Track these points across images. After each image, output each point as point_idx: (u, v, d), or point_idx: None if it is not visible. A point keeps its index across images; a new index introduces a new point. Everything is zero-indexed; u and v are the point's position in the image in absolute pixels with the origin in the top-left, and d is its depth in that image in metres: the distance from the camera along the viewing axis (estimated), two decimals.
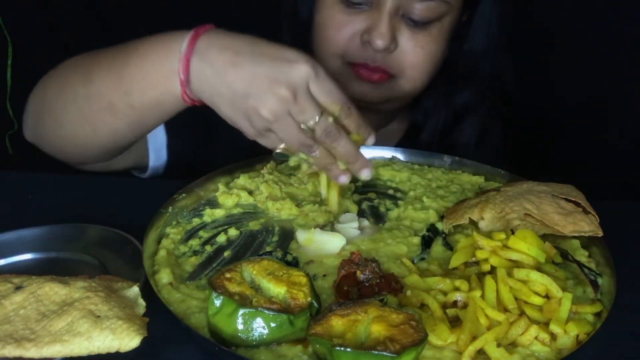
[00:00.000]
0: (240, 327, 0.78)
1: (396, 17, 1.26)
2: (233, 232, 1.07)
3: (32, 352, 0.74)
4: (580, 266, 0.93)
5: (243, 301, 0.79)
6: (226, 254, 1.02)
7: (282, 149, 1.00)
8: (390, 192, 1.22)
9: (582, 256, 1.00)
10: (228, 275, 0.83)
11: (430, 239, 1.04)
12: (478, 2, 1.37)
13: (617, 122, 1.82)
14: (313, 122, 0.95)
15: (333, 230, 1.05)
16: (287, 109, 0.93)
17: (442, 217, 1.10)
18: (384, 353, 0.71)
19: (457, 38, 1.40)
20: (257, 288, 0.83)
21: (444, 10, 1.28)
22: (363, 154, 1.03)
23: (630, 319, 0.91)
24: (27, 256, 1.00)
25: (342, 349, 0.72)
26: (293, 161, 1.05)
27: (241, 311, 0.78)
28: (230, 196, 1.15)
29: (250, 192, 1.17)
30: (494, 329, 0.81)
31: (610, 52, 1.78)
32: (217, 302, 0.79)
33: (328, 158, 1.01)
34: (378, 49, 1.25)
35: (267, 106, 0.93)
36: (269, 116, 0.94)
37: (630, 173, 1.76)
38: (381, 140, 1.48)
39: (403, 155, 1.32)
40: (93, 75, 1.09)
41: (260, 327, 0.78)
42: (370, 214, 1.15)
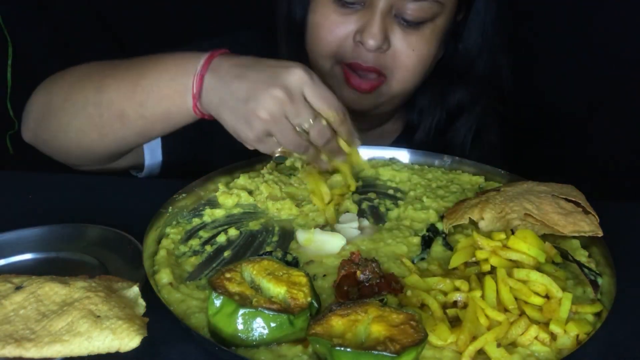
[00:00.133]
0: (240, 327, 0.78)
1: (389, 17, 1.26)
2: (233, 232, 1.07)
3: (32, 352, 0.74)
4: (580, 266, 0.93)
5: (243, 301, 0.79)
6: (226, 254, 1.02)
7: (280, 152, 1.05)
8: (390, 192, 1.22)
9: (582, 256, 1.00)
10: (228, 275, 0.83)
11: (430, 239, 1.04)
12: (473, 2, 1.37)
13: (617, 122, 1.82)
14: (308, 124, 1.00)
15: (333, 230, 1.05)
16: (284, 111, 0.98)
17: (442, 217, 1.10)
18: (384, 353, 0.71)
19: (453, 37, 1.40)
20: (257, 288, 0.84)
21: (437, 10, 1.28)
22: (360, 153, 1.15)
23: (630, 319, 0.91)
24: (27, 256, 1.01)
25: (342, 349, 0.72)
26: (289, 161, 1.16)
27: (241, 311, 0.78)
28: (230, 196, 1.15)
29: (250, 192, 1.17)
30: (494, 329, 0.81)
31: (611, 52, 1.77)
32: (217, 302, 0.79)
33: (317, 155, 1.09)
34: (370, 49, 1.26)
35: (265, 107, 0.98)
36: (266, 117, 0.98)
37: (630, 173, 1.76)
38: (377, 140, 1.48)
39: (403, 155, 1.32)
40: (105, 84, 1.14)
41: (260, 327, 0.78)
42: (370, 214, 1.15)
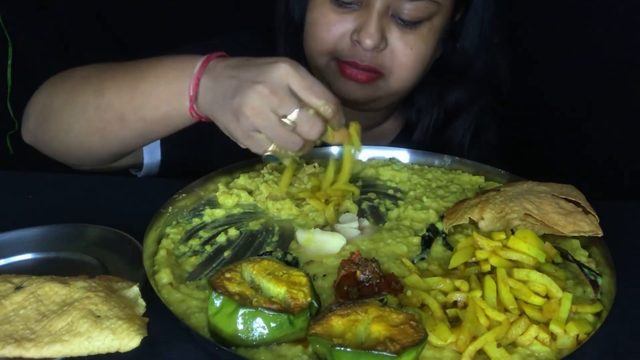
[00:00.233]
0: (240, 327, 0.78)
1: (386, 16, 1.26)
2: (233, 232, 1.07)
3: (32, 352, 0.74)
4: (580, 266, 0.93)
5: (243, 301, 0.79)
6: (226, 254, 1.02)
7: (271, 151, 1.03)
8: (390, 192, 1.22)
9: (582, 256, 1.00)
10: (228, 275, 0.83)
11: (430, 239, 1.04)
12: (470, 1, 1.37)
13: (616, 121, 1.82)
14: (294, 115, 0.98)
15: (333, 230, 1.05)
16: (268, 105, 0.98)
17: (442, 217, 1.10)
18: (384, 353, 0.71)
19: (451, 37, 1.40)
20: (257, 288, 0.84)
21: (434, 10, 1.28)
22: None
23: (630, 319, 0.91)
24: (27, 256, 1.01)
25: (342, 349, 0.72)
26: (287, 161, 1.12)
27: (241, 311, 0.78)
28: (230, 196, 1.15)
29: (250, 192, 1.17)
30: (494, 329, 0.81)
31: (610, 52, 1.77)
32: (217, 302, 0.79)
33: (311, 146, 1.06)
34: (367, 48, 1.26)
35: (249, 103, 0.98)
36: (251, 112, 0.98)
37: (629, 173, 1.76)
38: (375, 139, 1.48)
39: (403, 155, 1.32)
40: (105, 88, 1.15)
41: (260, 327, 0.78)
42: (370, 214, 1.15)
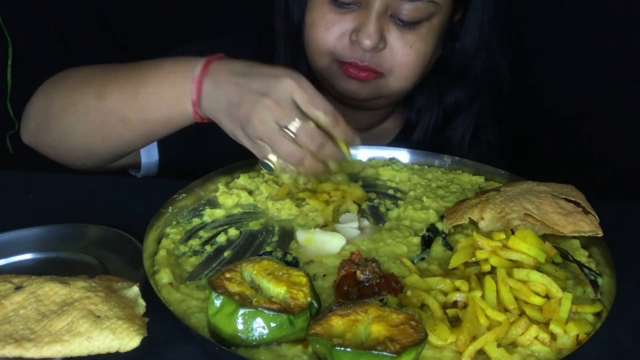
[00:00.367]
0: (240, 327, 0.78)
1: (385, 17, 1.26)
2: (233, 232, 1.07)
3: (32, 352, 0.74)
4: (580, 266, 0.93)
5: (243, 301, 0.79)
6: (226, 254, 1.02)
7: (272, 163, 1.02)
8: (390, 192, 1.22)
9: (582, 256, 1.00)
10: (228, 275, 0.83)
11: (430, 239, 1.04)
12: (470, 1, 1.37)
13: (616, 121, 1.81)
14: (295, 126, 0.98)
15: (333, 230, 1.05)
16: (273, 117, 0.99)
17: (442, 217, 1.10)
18: (384, 353, 0.71)
19: (450, 37, 1.40)
20: (257, 288, 0.84)
21: (433, 10, 1.28)
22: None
23: (630, 319, 0.91)
24: (27, 256, 1.01)
25: (342, 349, 0.72)
26: (285, 178, 1.15)
27: (241, 311, 0.78)
28: (230, 196, 1.15)
29: (250, 192, 1.17)
30: (494, 329, 0.81)
31: (610, 51, 1.77)
32: (217, 302, 0.79)
33: (317, 165, 1.02)
34: (366, 49, 1.26)
35: (257, 116, 0.99)
36: (257, 124, 0.99)
37: (630, 173, 1.76)
38: (375, 139, 1.48)
39: (403, 155, 1.32)
40: (107, 91, 1.15)
41: (260, 327, 0.78)
42: (370, 214, 1.14)
